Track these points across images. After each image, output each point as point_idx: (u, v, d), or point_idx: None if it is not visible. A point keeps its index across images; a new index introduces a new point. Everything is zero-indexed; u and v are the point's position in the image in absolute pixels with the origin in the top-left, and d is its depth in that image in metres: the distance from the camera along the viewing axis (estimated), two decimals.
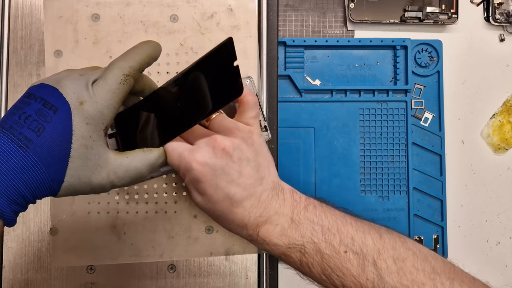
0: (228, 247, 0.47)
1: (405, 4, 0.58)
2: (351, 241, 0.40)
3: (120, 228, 0.47)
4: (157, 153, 0.39)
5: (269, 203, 0.41)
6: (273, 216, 0.41)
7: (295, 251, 0.40)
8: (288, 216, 0.41)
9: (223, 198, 0.40)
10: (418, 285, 0.38)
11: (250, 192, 0.40)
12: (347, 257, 0.39)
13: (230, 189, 0.39)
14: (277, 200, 0.41)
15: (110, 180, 0.36)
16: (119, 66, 0.36)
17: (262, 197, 0.41)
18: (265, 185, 0.41)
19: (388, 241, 0.40)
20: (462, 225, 0.59)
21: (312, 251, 0.40)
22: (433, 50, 0.59)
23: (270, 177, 0.42)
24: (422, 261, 0.39)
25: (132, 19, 0.48)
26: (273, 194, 0.41)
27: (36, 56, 0.48)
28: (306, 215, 0.41)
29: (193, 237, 0.47)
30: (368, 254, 0.39)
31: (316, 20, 0.59)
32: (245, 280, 0.49)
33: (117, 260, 0.47)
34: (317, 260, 0.40)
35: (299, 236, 0.40)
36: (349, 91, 0.58)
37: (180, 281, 0.48)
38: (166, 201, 0.47)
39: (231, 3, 0.48)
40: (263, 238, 0.41)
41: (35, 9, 0.49)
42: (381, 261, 0.39)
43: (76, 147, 0.34)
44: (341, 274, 0.39)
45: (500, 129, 0.59)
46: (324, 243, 0.40)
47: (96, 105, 0.35)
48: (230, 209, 0.40)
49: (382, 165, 0.58)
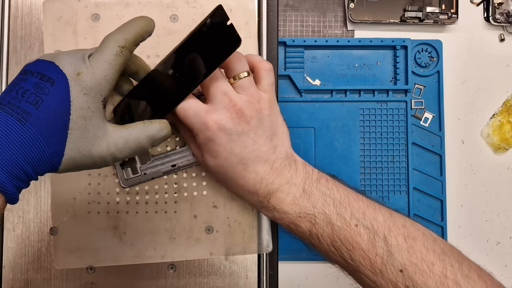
0: (228, 247, 0.47)
1: (405, 4, 0.58)
2: (362, 215, 0.40)
3: (121, 229, 0.47)
4: (158, 125, 0.38)
5: (281, 172, 0.41)
6: (285, 185, 0.41)
7: (305, 220, 0.40)
8: (300, 186, 0.41)
9: (236, 163, 0.40)
10: (428, 264, 0.37)
11: (263, 158, 0.41)
12: (357, 230, 0.39)
13: (244, 155, 0.40)
14: (289, 170, 0.41)
15: (111, 152, 0.36)
16: (115, 38, 0.36)
17: (275, 165, 0.41)
18: (278, 154, 0.41)
19: (399, 220, 0.40)
20: (462, 225, 0.59)
21: (322, 222, 0.40)
22: (433, 50, 0.59)
23: (283, 147, 0.42)
24: (432, 241, 0.39)
25: None
26: (285, 164, 0.42)
27: (36, 55, 0.48)
28: (318, 187, 0.41)
29: (193, 237, 0.47)
30: (379, 230, 0.39)
31: (316, 20, 0.59)
32: (245, 280, 0.49)
33: (119, 262, 0.47)
34: (327, 232, 0.40)
35: (311, 206, 0.40)
36: (349, 91, 0.58)
37: (180, 281, 0.48)
38: (166, 201, 0.47)
39: (230, 3, 0.48)
40: (273, 205, 0.41)
41: (35, 9, 0.49)
42: (391, 238, 0.38)
43: (74, 118, 0.34)
44: (351, 247, 0.39)
45: (500, 129, 0.59)
46: (335, 215, 0.40)
47: (93, 76, 0.35)
48: (242, 174, 0.40)
49: (382, 165, 0.58)
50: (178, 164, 0.46)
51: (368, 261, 0.39)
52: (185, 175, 0.47)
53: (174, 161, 0.46)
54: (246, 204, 0.48)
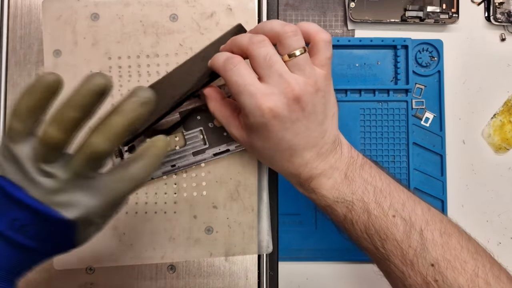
0: (228, 248, 0.47)
1: (406, 3, 0.57)
2: (401, 206, 0.39)
3: (120, 229, 0.47)
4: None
5: (327, 157, 0.41)
6: (328, 169, 0.40)
7: (342, 206, 0.40)
8: (343, 172, 0.40)
9: (285, 148, 0.39)
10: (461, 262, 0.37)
11: (312, 144, 0.40)
12: (394, 221, 0.39)
13: (294, 141, 0.39)
14: (334, 155, 0.41)
15: None
16: None
17: (322, 149, 0.40)
18: (327, 138, 0.41)
19: (437, 214, 0.40)
20: (462, 225, 0.58)
21: (360, 209, 0.39)
22: (434, 49, 0.58)
23: (332, 130, 0.41)
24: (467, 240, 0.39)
25: (131, 19, 0.48)
26: (332, 148, 0.41)
27: (35, 55, 0.48)
28: (360, 173, 0.40)
29: (193, 237, 0.47)
30: (416, 223, 0.39)
31: (316, 20, 0.59)
32: (245, 281, 0.49)
33: (118, 262, 0.47)
34: (363, 219, 0.39)
35: (350, 193, 0.40)
36: (350, 91, 0.58)
37: (180, 281, 0.48)
38: (165, 202, 0.47)
39: (230, 2, 0.48)
40: (313, 188, 0.41)
41: (34, 8, 0.49)
42: (427, 232, 0.38)
43: None
44: (385, 236, 0.39)
45: (501, 129, 0.59)
46: (374, 204, 0.39)
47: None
48: (288, 158, 0.40)
49: (383, 165, 0.58)
50: (178, 165, 0.46)
51: (400, 251, 0.38)
52: (185, 175, 0.47)
53: (174, 162, 0.46)
54: (246, 205, 0.48)
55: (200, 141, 0.46)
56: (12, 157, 0.32)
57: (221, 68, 0.39)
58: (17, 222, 0.31)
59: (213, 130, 0.47)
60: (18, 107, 0.32)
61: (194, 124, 0.46)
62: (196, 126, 0.46)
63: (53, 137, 0.31)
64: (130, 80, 0.47)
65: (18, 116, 0.31)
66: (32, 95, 0.31)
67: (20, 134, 0.32)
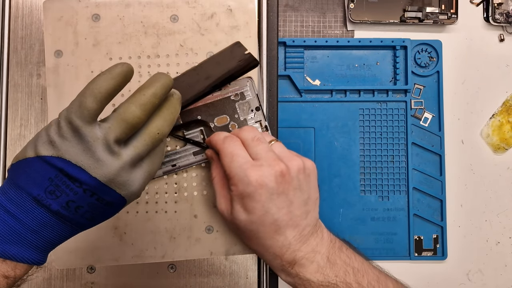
0: (228, 247, 0.48)
1: (405, 4, 0.58)
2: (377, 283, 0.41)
3: (121, 228, 0.47)
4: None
5: (308, 239, 0.41)
6: (311, 253, 0.41)
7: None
8: (325, 255, 0.41)
9: (270, 223, 0.40)
10: None
11: (295, 223, 0.41)
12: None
13: (278, 215, 0.40)
14: (315, 238, 0.42)
15: None
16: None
17: (304, 231, 0.41)
18: (309, 220, 0.42)
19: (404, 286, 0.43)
20: (461, 225, 0.59)
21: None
22: (433, 50, 0.59)
23: (314, 212, 0.42)
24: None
25: (132, 20, 0.48)
26: (313, 231, 0.42)
27: (36, 56, 0.49)
28: (340, 256, 0.42)
29: (193, 237, 0.47)
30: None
31: (316, 20, 0.59)
32: (245, 280, 0.49)
33: (119, 261, 0.47)
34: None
35: (334, 276, 0.41)
36: (349, 91, 0.58)
37: (180, 280, 0.48)
38: (166, 201, 0.47)
39: (230, 3, 0.48)
40: (297, 272, 0.41)
41: (36, 9, 0.49)
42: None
43: None
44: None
45: (499, 129, 0.59)
46: (355, 284, 0.41)
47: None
48: (272, 235, 0.40)
49: (382, 165, 0.58)
50: (178, 164, 0.47)
51: None
52: (185, 175, 0.47)
53: (174, 161, 0.47)
54: None
55: (200, 141, 0.47)
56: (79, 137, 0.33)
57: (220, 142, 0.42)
58: (72, 204, 0.33)
59: (213, 130, 0.47)
60: (98, 89, 0.33)
61: (194, 124, 0.47)
62: (196, 126, 0.47)
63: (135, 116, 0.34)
64: (130, 80, 0.47)
65: (97, 97, 0.33)
66: (113, 80, 0.33)
67: (95, 114, 0.33)
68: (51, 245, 0.35)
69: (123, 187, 0.34)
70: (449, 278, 0.58)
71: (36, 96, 0.49)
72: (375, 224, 0.58)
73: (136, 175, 0.35)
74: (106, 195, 0.34)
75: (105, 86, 0.33)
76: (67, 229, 0.34)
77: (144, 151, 0.35)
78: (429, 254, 0.58)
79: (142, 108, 0.34)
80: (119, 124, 0.33)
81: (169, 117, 0.37)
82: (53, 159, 0.33)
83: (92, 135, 0.33)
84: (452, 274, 0.58)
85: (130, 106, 0.34)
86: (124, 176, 0.34)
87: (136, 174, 0.35)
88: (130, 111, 0.34)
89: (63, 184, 0.33)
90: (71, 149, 0.33)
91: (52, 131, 0.33)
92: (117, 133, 0.33)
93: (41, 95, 0.48)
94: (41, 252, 0.34)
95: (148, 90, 0.35)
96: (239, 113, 0.46)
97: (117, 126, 0.33)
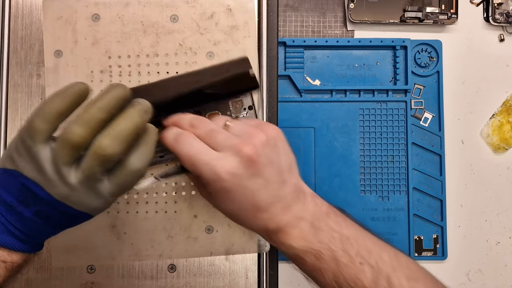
0: (228, 247, 0.47)
1: (405, 4, 0.58)
2: (367, 253, 0.39)
3: (119, 228, 0.47)
4: None
5: (290, 207, 0.40)
6: (293, 220, 0.40)
7: (310, 255, 0.40)
8: (308, 221, 0.40)
9: (249, 207, 0.39)
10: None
11: (275, 198, 0.40)
12: (362, 268, 0.39)
13: (256, 197, 0.39)
14: (298, 204, 0.41)
15: None
16: None
17: (285, 199, 0.40)
18: (288, 188, 0.40)
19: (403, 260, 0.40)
20: (461, 225, 0.59)
21: (328, 257, 0.39)
22: (433, 50, 0.59)
23: (292, 179, 0.41)
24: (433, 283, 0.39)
25: (131, 19, 0.48)
26: (294, 198, 0.41)
27: (36, 56, 0.49)
28: (326, 222, 0.40)
29: (193, 236, 0.47)
30: (383, 269, 0.39)
31: (316, 20, 0.59)
32: (245, 280, 0.49)
33: (116, 260, 0.47)
34: (332, 267, 0.39)
35: (317, 242, 0.39)
36: (349, 91, 0.58)
37: (180, 281, 0.48)
38: (166, 201, 0.47)
39: (230, 3, 0.48)
40: (281, 240, 0.40)
41: (35, 9, 0.49)
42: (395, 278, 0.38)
43: None
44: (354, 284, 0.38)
45: (499, 129, 0.59)
46: (341, 251, 0.39)
47: None
48: (254, 214, 0.40)
49: (382, 165, 0.58)
50: (167, 156, 0.46)
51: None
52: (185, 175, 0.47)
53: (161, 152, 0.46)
54: None
55: None
56: (31, 156, 0.33)
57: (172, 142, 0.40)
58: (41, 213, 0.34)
59: None
60: (47, 109, 0.32)
61: None
62: None
63: (78, 136, 0.32)
64: (130, 80, 0.47)
65: (46, 117, 0.32)
66: (65, 99, 0.33)
67: (44, 135, 0.32)
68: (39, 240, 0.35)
69: (80, 205, 0.34)
70: (449, 278, 0.58)
71: (36, 96, 0.49)
72: (375, 224, 0.58)
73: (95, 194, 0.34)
74: (67, 209, 0.34)
75: (56, 107, 0.32)
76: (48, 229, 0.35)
77: (94, 172, 0.33)
78: (429, 254, 0.58)
79: (86, 126, 0.32)
80: (63, 146, 0.32)
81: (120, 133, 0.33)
82: (16, 172, 0.33)
83: (43, 155, 0.32)
84: (452, 274, 0.58)
85: (72, 126, 0.32)
86: (77, 196, 0.33)
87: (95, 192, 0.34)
88: (71, 132, 0.32)
89: (28, 196, 0.33)
90: (26, 166, 0.33)
91: (12, 147, 0.34)
92: (62, 155, 0.32)
93: (41, 95, 0.48)
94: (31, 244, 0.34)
95: (92, 106, 0.33)
96: (232, 111, 0.46)
97: (62, 148, 0.32)
